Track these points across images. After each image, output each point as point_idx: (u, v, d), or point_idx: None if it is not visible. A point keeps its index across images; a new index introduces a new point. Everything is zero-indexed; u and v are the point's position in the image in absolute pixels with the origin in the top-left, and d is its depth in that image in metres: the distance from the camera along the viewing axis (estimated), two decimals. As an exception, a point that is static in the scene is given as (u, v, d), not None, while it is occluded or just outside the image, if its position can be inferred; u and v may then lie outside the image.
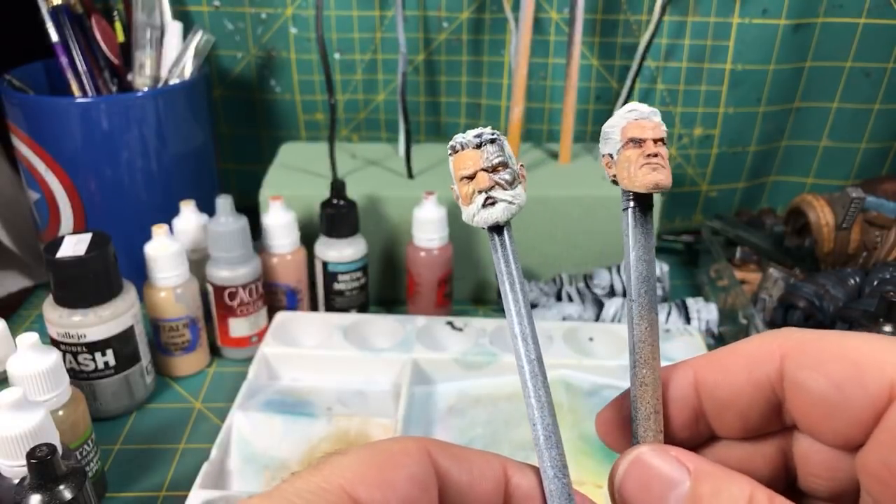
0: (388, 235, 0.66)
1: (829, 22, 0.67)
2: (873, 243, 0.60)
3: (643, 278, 0.21)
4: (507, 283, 0.21)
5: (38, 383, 0.43)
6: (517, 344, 0.21)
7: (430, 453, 0.20)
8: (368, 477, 0.19)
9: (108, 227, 0.56)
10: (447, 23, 0.71)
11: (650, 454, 0.20)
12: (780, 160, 0.76)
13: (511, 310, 0.21)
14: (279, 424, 0.50)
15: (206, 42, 0.66)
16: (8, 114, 0.63)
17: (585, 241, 0.65)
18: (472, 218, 0.21)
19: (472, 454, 0.21)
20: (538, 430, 0.21)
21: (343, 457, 0.19)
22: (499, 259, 0.21)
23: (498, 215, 0.20)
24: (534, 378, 0.21)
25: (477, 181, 0.20)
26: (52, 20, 0.62)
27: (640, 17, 0.69)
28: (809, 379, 0.20)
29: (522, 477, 0.21)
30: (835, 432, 0.20)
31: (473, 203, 0.21)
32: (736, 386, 0.21)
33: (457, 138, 0.21)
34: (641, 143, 0.20)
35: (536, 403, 0.21)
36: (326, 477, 0.18)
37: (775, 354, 0.20)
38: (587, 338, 0.58)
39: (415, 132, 0.76)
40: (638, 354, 0.22)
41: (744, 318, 0.58)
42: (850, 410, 0.19)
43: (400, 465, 0.19)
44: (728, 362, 0.21)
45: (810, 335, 0.20)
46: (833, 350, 0.20)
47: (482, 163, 0.21)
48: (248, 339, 0.60)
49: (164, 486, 0.49)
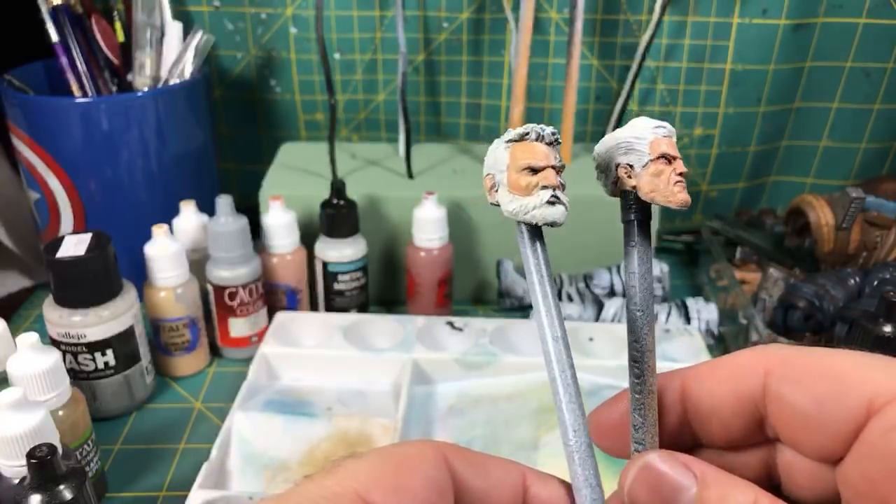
0: (388, 235, 0.66)
1: (829, 22, 0.67)
2: (873, 243, 0.60)
3: (647, 290, 0.21)
4: (539, 287, 0.20)
5: (38, 383, 0.43)
6: (548, 349, 0.20)
7: (446, 458, 0.20)
8: (384, 481, 0.18)
9: (108, 227, 0.56)
10: (447, 23, 0.71)
11: (659, 460, 0.20)
12: (780, 160, 0.76)
13: (542, 314, 0.20)
14: (279, 424, 0.50)
15: (206, 42, 0.66)
16: (8, 114, 0.63)
17: (585, 241, 0.65)
18: (527, 210, 0.20)
19: (490, 460, 0.21)
20: (571, 440, 0.20)
21: (357, 460, 0.19)
22: (532, 261, 0.21)
23: (558, 216, 0.20)
24: (566, 386, 0.20)
25: (545, 176, 0.20)
26: (52, 20, 0.62)
27: (640, 17, 0.69)
28: (791, 394, 0.20)
29: (542, 487, 0.21)
30: (816, 446, 0.20)
31: (534, 196, 0.20)
32: (720, 398, 0.21)
33: (533, 127, 0.20)
34: (673, 160, 0.20)
35: (570, 414, 0.20)
36: (340, 481, 0.18)
37: (759, 369, 0.21)
38: (587, 338, 0.58)
39: (415, 132, 0.76)
40: (646, 363, 0.22)
41: (744, 318, 0.58)
42: (830, 425, 0.19)
43: (416, 469, 0.19)
44: (714, 375, 0.22)
45: (795, 352, 0.21)
46: (815, 366, 0.20)
47: (553, 160, 0.20)
48: (248, 339, 0.60)
49: (164, 486, 0.49)
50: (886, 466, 0.18)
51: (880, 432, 0.18)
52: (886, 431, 0.18)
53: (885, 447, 0.18)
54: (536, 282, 0.20)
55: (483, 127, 0.76)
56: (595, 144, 0.23)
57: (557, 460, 0.48)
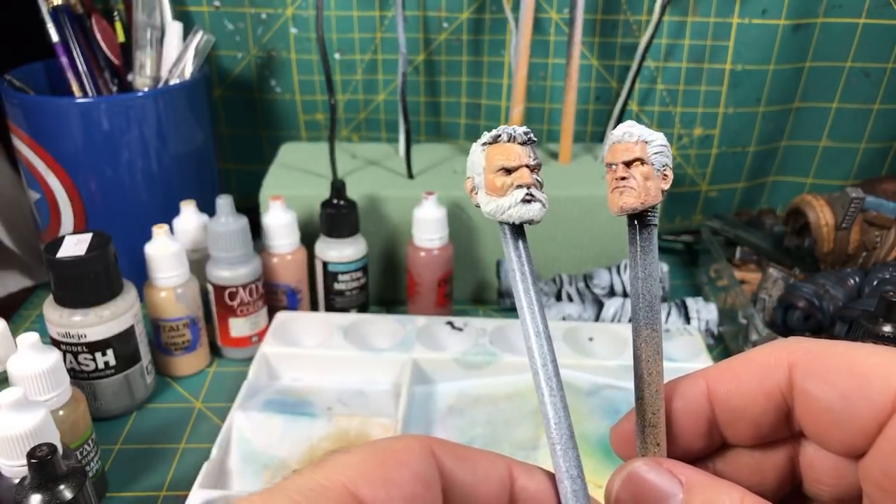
0: (388, 235, 0.66)
1: (828, 22, 0.67)
2: (873, 243, 0.60)
3: (643, 295, 0.22)
4: (521, 284, 0.21)
5: (39, 383, 0.43)
6: (531, 344, 0.21)
7: (433, 452, 0.20)
8: (371, 475, 0.18)
9: (108, 227, 0.56)
10: (447, 23, 0.71)
11: (644, 468, 0.20)
12: (779, 160, 0.76)
13: (525, 310, 0.21)
14: (279, 424, 0.50)
15: (207, 42, 0.66)
16: (8, 114, 0.63)
17: (585, 241, 0.65)
18: (503, 210, 0.20)
19: (477, 454, 0.21)
20: (553, 432, 0.20)
21: (345, 455, 0.19)
22: (515, 259, 0.21)
23: (534, 213, 0.20)
24: (548, 380, 0.20)
25: (519, 175, 0.20)
26: (53, 20, 0.62)
27: (640, 17, 0.69)
28: (816, 389, 0.20)
29: (529, 479, 0.21)
30: (840, 441, 0.20)
31: (509, 196, 0.20)
32: (748, 395, 0.21)
33: (505, 129, 0.21)
34: (613, 167, 0.21)
35: (552, 407, 0.20)
36: (328, 474, 0.18)
37: (784, 363, 0.21)
38: (587, 338, 0.58)
39: (415, 132, 0.76)
40: (635, 371, 0.22)
41: (743, 318, 0.58)
42: (854, 420, 0.19)
43: (403, 463, 0.19)
44: (739, 372, 0.22)
45: (818, 345, 0.21)
46: (840, 361, 0.20)
47: (527, 159, 0.21)
48: (248, 339, 0.61)
49: (165, 485, 0.49)
50: None
51: None
52: None
53: None
54: (519, 279, 0.21)
55: (483, 127, 0.76)
56: (595, 144, 0.23)
57: (557, 460, 0.48)
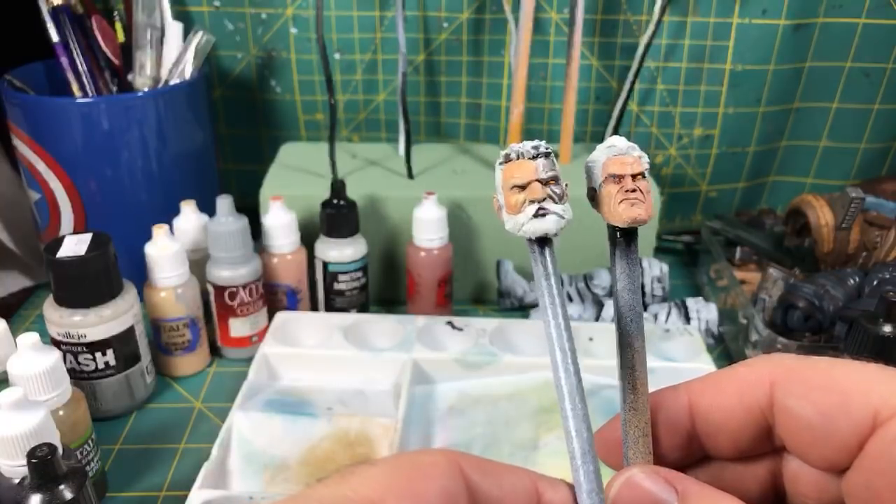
0: (388, 235, 0.66)
1: (828, 22, 0.67)
2: (873, 243, 0.60)
3: (629, 307, 0.22)
4: (548, 297, 0.21)
5: (39, 383, 0.43)
6: (556, 356, 0.21)
7: (460, 467, 0.20)
8: (398, 489, 0.18)
9: (108, 227, 0.56)
10: (447, 23, 0.71)
11: (641, 476, 0.21)
12: (779, 160, 0.76)
13: (551, 323, 0.21)
14: (279, 424, 0.50)
15: (207, 42, 0.66)
16: (8, 114, 0.63)
17: (585, 241, 0.65)
18: (519, 227, 0.20)
19: (503, 469, 0.21)
20: (574, 444, 0.20)
21: (371, 467, 0.19)
22: (541, 273, 0.21)
23: (549, 227, 0.20)
24: (571, 394, 0.20)
25: (531, 191, 0.20)
26: (53, 20, 0.62)
27: (640, 18, 0.69)
28: (798, 406, 0.20)
29: (555, 493, 0.21)
30: (822, 457, 0.20)
31: (523, 213, 0.20)
32: (728, 410, 0.22)
33: (513, 147, 0.21)
34: (620, 178, 0.21)
35: (573, 419, 0.20)
36: (354, 487, 0.18)
37: (765, 380, 0.21)
38: (587, 338, 0.58)
39: (415, 132, 0.76)
40: (626, 380, 0.22)
41: (743, 318, 0.58)
42: (836, 437, 0.20)
43: (430, 477, 0.19)
44: (721, 388, 0.22)
45: (799, 362, 0.21)
46: (821, 378, 0.20)
47: (536, 174, 0.21)
48: (248, 339, 0.61)
49: (165, 486, 0.49)
50: (889, 477, 0.19)
51: (884, 444, 0.19)
52: (890, 444, 0.19)
53: (889, 459, 0.19)
54: (546, 292, 0.21)
55: (483, 127, 0.76)
56: (595, 144, 0.23)
57: (557, 460, 0.48)
